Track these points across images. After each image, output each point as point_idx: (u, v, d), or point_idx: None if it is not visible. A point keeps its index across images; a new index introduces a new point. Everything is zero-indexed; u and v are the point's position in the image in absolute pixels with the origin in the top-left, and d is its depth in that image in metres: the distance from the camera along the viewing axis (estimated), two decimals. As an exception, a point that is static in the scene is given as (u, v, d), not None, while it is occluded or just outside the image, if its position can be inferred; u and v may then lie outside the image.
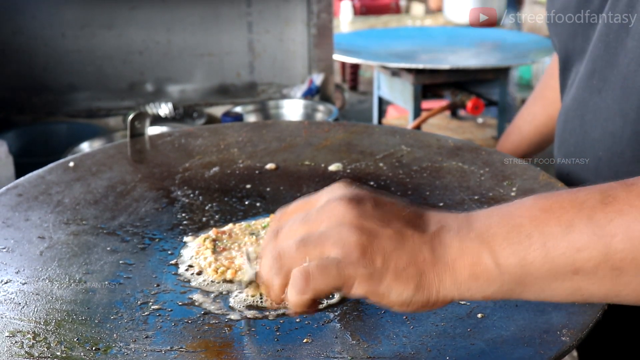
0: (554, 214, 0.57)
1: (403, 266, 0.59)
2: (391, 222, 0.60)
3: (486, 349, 0.66)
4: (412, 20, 5.78)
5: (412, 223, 0.61)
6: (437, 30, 3.77)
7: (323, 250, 0.60)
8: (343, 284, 0.59)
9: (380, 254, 0.59)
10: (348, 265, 0.58)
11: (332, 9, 2.35)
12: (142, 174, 1.08)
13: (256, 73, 2.41)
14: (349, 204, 0.61)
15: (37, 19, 2.20)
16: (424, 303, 0.60)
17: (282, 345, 0.69)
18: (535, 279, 0.57)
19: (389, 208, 0.62)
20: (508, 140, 1.33)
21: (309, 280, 0.59)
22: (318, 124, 1.33)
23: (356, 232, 0.59)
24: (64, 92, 2.28)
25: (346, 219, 0.60)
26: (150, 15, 2.28)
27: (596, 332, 0.70)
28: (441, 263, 0.59)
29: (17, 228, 0.91)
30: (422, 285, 0.59)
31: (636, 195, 0.55)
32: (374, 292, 0.59)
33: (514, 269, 0.57)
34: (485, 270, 0.58)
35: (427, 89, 2.59)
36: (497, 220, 0.59)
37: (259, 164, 1.12)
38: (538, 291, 0.59)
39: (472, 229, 0.60)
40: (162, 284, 0.80)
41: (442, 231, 0.60)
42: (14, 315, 0.72)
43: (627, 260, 0.54)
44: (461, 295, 0.60)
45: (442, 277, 0.59)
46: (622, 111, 0.86)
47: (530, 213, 0.58)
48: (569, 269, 0.56)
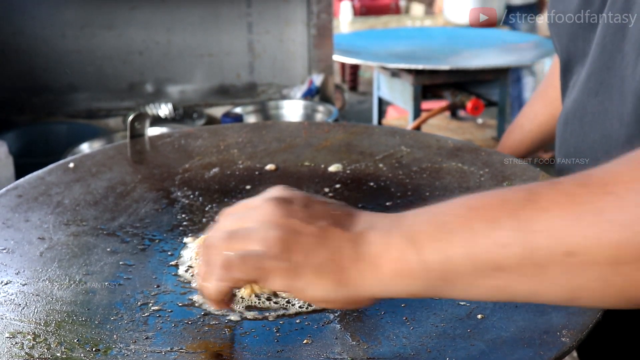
0: (480, 212, 0.57)
1: (322, 262, 0.60)
2: (316, 220, 0.62)
3: (486, 349, 0.66)
4: (411, 20, 5.78)
5: (339, 222, 0.62)
6: (437, 30, 3.77)
7: (246, 244, 0.62)
8: (261, 276, 0.61)
9: (301, 250, 0.60)
10: (268, 259, 0.61)
11: (332, 9, 2.35)
12: (142, 175, 1.08)
13: (256, 74, 2.41)
14: (278, 203, 0.63)
15: (37, 19, 2.20)
16: (346, 299, 0.61)
17: (282, 346, 0.69)
18: (460, 275, 0.57)
19: (318, 208, 0.64)
20: (510, 138, 1.34)
21: (229, 269, 0.62)
22: (318, 125, 1.33)
23: (279, 228, 0.61)
24: (63, 93, 2.28)
25: (273, 217, 0.62)
26: (150, 15, 2.28)
27: (596, 333, 0.70)
28: (364, 260, 0.60)
29: (17, 229, 0.91)
30: (343, 281, 0.60)
31: (561, 193, 0.55)
32: (292, 287, 0.61)
33: (438, 266, 0.57)
34: (409, 266, 0.58)
35: (426, 89, 2.59)
36: (425, 218, 0.60)
37: (258, 164, 1.12)
38: (463, 289, 0.58)
39: (398, 227, 0.60)
40: (162, 285, 0.80)
41: (369, 230, 0.61)
42: (14, 316, 0.72)
43: (549, 257, 0.54)
44: (386, 292, 0.60)
45: (365, 274, 0.60)
46: (619, 114, 0.86)
47: (457, 211, 0.58)
48: (493, 266, 0.56)
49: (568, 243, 0.53)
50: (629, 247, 0.51)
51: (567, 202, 0.54)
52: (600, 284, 0.54)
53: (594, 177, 0.54)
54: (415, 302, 0.74)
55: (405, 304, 0.74)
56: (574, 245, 0.53)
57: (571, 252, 0.53)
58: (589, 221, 0.52)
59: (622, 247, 0.51)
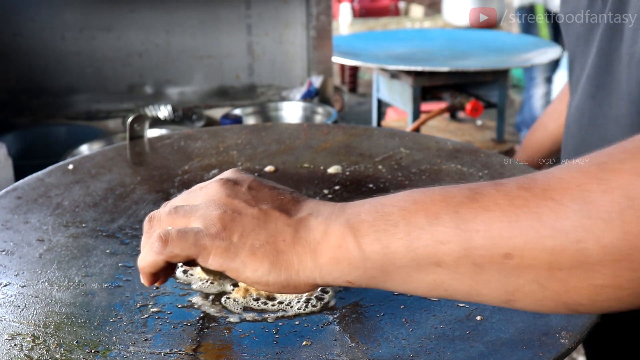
0: (424, 206, 0.57)
1: (260, 244, 0.61)
2: (260, 203, 0.63)
3: (485, 351, 0.66)
4: (411, 22, 5.79)
5: (283, 207, 0.63)
6: (436, 32, 3.77)
7: (188, 221, 0.64)
8: (198, 254, 0.62)
9: (239, 231, 0.61)
10: (206, 237, 0.61)
11: (331, 11, 2.35)
12: (141, 177, 1.08)
13: (255, 75, 2.41)
14: (224, 184, 0.65)
15: (37, 21, 2.20)
16: (284, 283, 0.61)
17: (281, 348, 0.69)
18: (398, 268, 0.57)
19: (265, 192, 0.65)
20: (533, 137, 1.34)
21: (167, 243, 0.63)
22: (317, 127, 1.33)
23: (221, 208, 0.63)
24: (63, 95, 2.28)
25: (216, 196, 0.64)
26: (150, 17, 2.28)
27: (602, 333, 0.70)
28: (302, 244, 0.60)
29: (16, 231, 0.91)
30: (279, 264, 0.61)
31: (503, 194, 0.54)
32: (228, 267, 0.61)
33: (376, 256, 0.57)
34: (347, 254, 0.58)
35: (426, 91, 2.59)
36: (368, 208, 0.60)
37: (258, 166, 1.12)
38: (401, 281, 0.58)
39: (342, 215, 0.60)
40: (161, 287, 0.80)
41: (311, 216, 0.62)
42: (13, 318, 0.72)
43: (487, 258, 0.54)
44: (323, 279, 0.60)
45: (303, 259, 0.60)
46: (616, 117, 0.87)
47: (400, 204, 0.58)
48: (431, 261, 0.56)
49: (506, 245, 0.53)
50: (565, 253, 0.51)
51: (507, 204, 0.54)
52: (536, 288, 0.54)
53: (537, 181, 0.54)
54: (415, 304, 0.74)
55: (404, 306, 0.74)
56: (511, 248, 0.53)
57: (508, 254, 0.53)
58: (528, 225, 0.52)
59: (558, 252, 0.51)
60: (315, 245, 0.60)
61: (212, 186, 0.66)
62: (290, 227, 0.61)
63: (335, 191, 1.04)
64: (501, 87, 2.61)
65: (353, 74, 6.17)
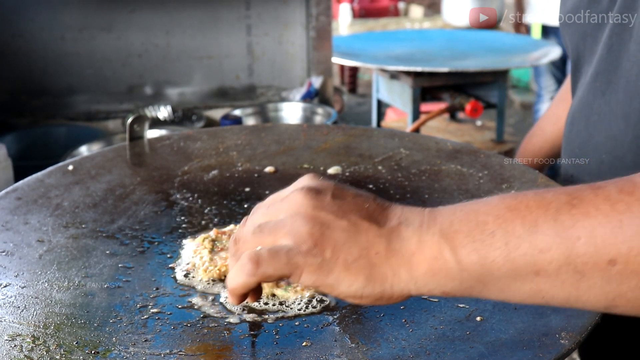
0: (519, 214, 0.56)
1: (353, 258, 0.59)
2: (347, 214, 0.61)
3: (485, 352, 0.66)
4: (410, 22, 5.79)
5: (371, 216, 0.61)
6: (436, 32, 3.78)
7: (276, 238, 0.61)
8: (291, 272, 0.60)
9: (331, 245, 0.59)
10: (298, 255, 0.59)
11: (331, 11, 2.35)
12: (141, 177, 1.08)
13: (255, 76, 2.41)
14: (307, 194, 0.62)
15: (37, 22, 2.20)
16: (378, 296, 0.60)
17: (281, 349, 0.69)
18: (496, 278, 0.57)
19: (350, 200, 0.62)
20: (531, 142, 1.33)
21: (259, 264, 0.61)
22: (317, 127, 1.33)
23: (309, 222, 0.60)
24: (63, 95, 2.28)
25: (302, 209, 0.61)
26: (150, 18, 2.28)
27: (598, 335, 0.70)
28: (397, 256, 0.59)
29: (16, 231, 0.91)
30: (374, 278, 0.59)
31: (603, 198, 0.54)
32: (322, 283, 0.60)
33: (474, 267, 0.57)
34: (444, 265, 0.57)
35: (425, 91, 2.60)
36: (461, 216, 0.59)
37: (258, 167, 1.12)
38: (498, 291, 0.58)
39: (434, 224, 0.59)
40: (161, 287, 0.80)
41: (402, 226, 0.60)
42: (13, 318, 0.72)
43: (590, 264, 0.53)
44: (418, 290, 0.59)
45: (397, 271, 0.59)
46: (625, 115, 0.86)
47: (495, 211, 0.57)
48: (531, 270, 0.55)
49: (609, 251, 0.52)
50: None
51: (609, 209, 0.53)
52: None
53: (638, 185, 0.54)
54: (415, 305, 0.74)
55: (404, 307, 0.74)
56: (616, 254, 0.52)
57: (612, 261, 0.52)
58: (633, 230, 0.52)
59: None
60: (409, 257, 0.59)
61: (294, 197, 0.63)
62: (382, 238, 0.59)
63: (335, 192, 1.04)
64: (501, 88, 2.61)
65: (353, 75, 6.17)
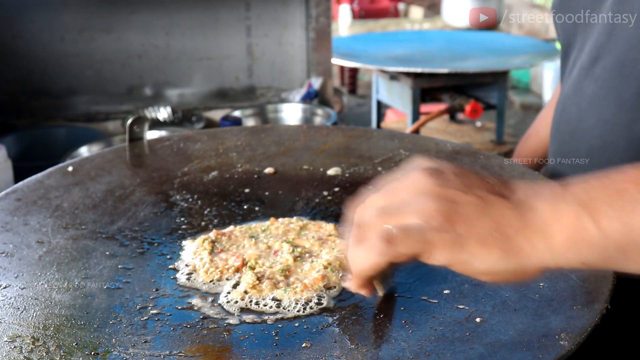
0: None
1: (487, 232, 0.58)
2: (473, 189, 0.59)
3: (485, 353, 0.66)
4: (410, 24, 5.79)
5: (497, 191, 0.60)
6: (436, 33, 3.78)
7: (403, 218, 0.59)
8: (424, 250, 0.58)
9: (462, 220, 0.58)
10: (430, 231, 0.58)
11: (330, 12, 2.35)
12: (140, 178, 1.08)
13: (255, 77, 2.41)
14: (428, 173, 0.61)
15: (36, 23, 2.20)
16: (514, 271, 0.58)
17: (280, 350, 0.69)
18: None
19: (472, 177, 0.61)
20: (526, 144, 1.33)
21: (392, 242, 0.59)
22: (317, 128, 1.33)
23: (436, 199, 0.59)
24: (62, 96, 2.28)
25: (426, 188, 0.60)
26: (149, 19, 2.28)
27: (595, 336, 0.70)
28: (531, 227, 0.57)
29: (16, 232, 0.91)
30: (509, 251, 0.57)
31: None
32: (456, 259, 0.58)
33: (617, 234, 0.55)
34: (585, 234, 0.56)
35: (425, 92, 2.60)
36: (597, 184, 0.57)
37: (257, 168, 1.12)
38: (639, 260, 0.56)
39: (567, 193, 0.57)
40: (160, 289, 0.80)
41: (531, 198, 0.59)
42: (13, 320, 0.72)
43: None
44: (556, 261, 0.58)
45: (533, 242, 0.57)
46: (619, 99, 0.86)
47: (634, 178, 0.56)
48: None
49: None
50: None
51: None
52: None
53: None
54: (414, 306, 0.74)
55: (404, 307, 0.74)
56: None
57: None
58: None
59: None
60: (545, 227, 0.57)
61: (416, 178, 0.61)
62: (513, 210, 0.58)
63: (335, 193, 1.04)
64: (500, 89, 2.61)
65: (352, 76, 6.16)
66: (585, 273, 0.76)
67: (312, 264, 0.83)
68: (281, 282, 0.80)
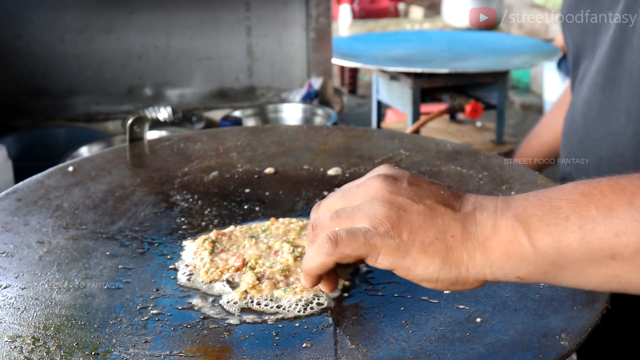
0: (593, 199, 0.57)
1: (430, 240, 0.60)
2: (424, 199, 0.62)
3: (485, 353, 0.66)
4: (410, 24, 5.79)
5: (446, 202, 0.62)
6: (436, 34, 3.78)
7: (354, 221, 0.62)
8: (369, 253, 0.61)
9: (408, 228, 0.61)
10: (375, 236, 0.61)
11: (330, 13, 2.35)
12: (141, 179, 1.08)
13: (255, 77, 2.41)
14: (384, 180, 0.64)
15: (36, 23, 2.20)
16: (453, 280, 0.61)
17: (281, 350, 0.69)
18: (572, 262, 0.57)
19: (425, 187, 0.64)
20: (528, 146, 1.34)
21: (338, 244, 0.62)
22: (317, 128, 1.33)
23: (386, 205, 0.62)
24: (62, 97, 2.28)
25: (379, 194, 0.63)
26: (149, 19, 2.28)
27: (596, 336, 0.70)
28: (472, 240, 0.60)
29: (16, 233, 0.91)
30: (450, 261, 0.60)
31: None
32: (399, 265, 0.61)
33: (549, 250, 0.57)
34: (519, 249, 0.58)
35: (425, 92, 2.60)
36: (535, 201, 0.60)
37: (257, 168, 1.12)
38: (573, 276, 0.59)
39: (508, 210, 0.60)
40: (161, 289, 0.80)
41: (477, 211, 0.61)
42: (13, 320, 0.72)
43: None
44: (493, 274, 0.60)
45: (473, 255, 0.60)
46: (627, 110, 0.86)
47: (569, 197, 0.58)
48: (606, 254, 0.56)
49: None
50: None
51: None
52: None
53: None
54: (414, 306, 0.74)
55: (404, 308, 0.74)
56: None
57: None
58: None
59: None
60: (484, 241, 0.60)
61: (371, 183, 0.65)
62: (458, 222, 0.61)
63: (335, 193, 1.04)
64: (501, 89, 2.61)
65: (353, 76, 6.17)
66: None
67: (312, 264, 0.83)
68: (281, 282, 0.80)
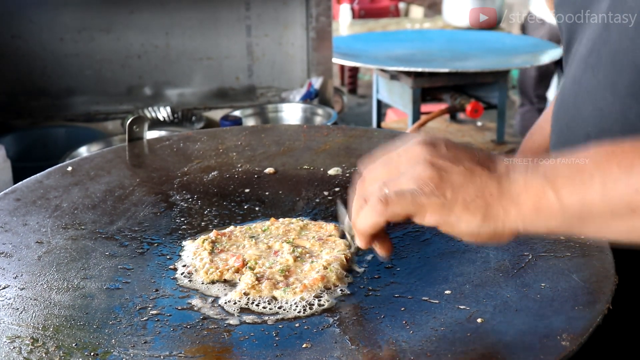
0: (616, 158, 0.63)
1: (471, 198, 0.66)
2: (462, 161, 0.68)
3: (486, 354, 0.65)
4: (411, 23, 5.78)
5: (483, 163, 0.68)
6: (436, 33, 3.77)
7: (400, 184, 0.68)
8: (416, 211, 0.67)
9: (450, 187, 0.66)
10: (422, 195, 0.66)
11: (331, 12, 2.35)
12: (140, 178, 1.08)
13: (255, 77, 2.41)
14: (424, 146, 0.69)
15: (36, 23, 2.20)
16: (491, 234, 0.66)
17: (281, 351, 0.68)
18: (595, 217, 0.63)
19: (462, 150, 0.70)
20: (532, 139, 1.34)
21: (388, 204, 0.67)
22: (317, 128, 1.33)
23: (429, 168, 0.67)
24: (62, 96, 2.28)
25: (421, 157, 0.68)
26: (149, 19, 2.28)
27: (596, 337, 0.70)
28: (507, 197, 0.66)
29: (15, 233, 0.90)
30: (489, 216, 0.66)
31: None
32: (444, 221, 0.67)
33: (574, 206, 0.63)
34: (548, 204, 0.64)
35: (426, 92, 2.59)
36: (562, 161, 0.66)
37: (257, 168, 1.12)
38: (597, 228, 0.65)
39: (537, 170, 0.66)
40: (160, 289, 0.80)
41: (510, 170, 0.67)
42: (12, 320, 0.72)
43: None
44: (525, 227, 0.66)
45: (508, 209, 0.65)
46: (613, 87, 0.87)
47: (593, 157, 0.64)
48: (627, 209, 0.62)
49: None
50: None
51: None
52: None
53: None
54: (415, 306, 0.74)
55: (404, 308, 0.74)
56: None
57: None
58: None
59: None
60: (517, 197, 0.65)
61: (412, 149, 0.69)
62: (494, 181, 0.66)
63: (335, 193, 1.04)
64: (501, 88, 2.61)
65: (353, 75, 6.16)
66: (587, 273, 0.76)
67: (311, 264, 0.83)
68: (280, 282, 0.80)
